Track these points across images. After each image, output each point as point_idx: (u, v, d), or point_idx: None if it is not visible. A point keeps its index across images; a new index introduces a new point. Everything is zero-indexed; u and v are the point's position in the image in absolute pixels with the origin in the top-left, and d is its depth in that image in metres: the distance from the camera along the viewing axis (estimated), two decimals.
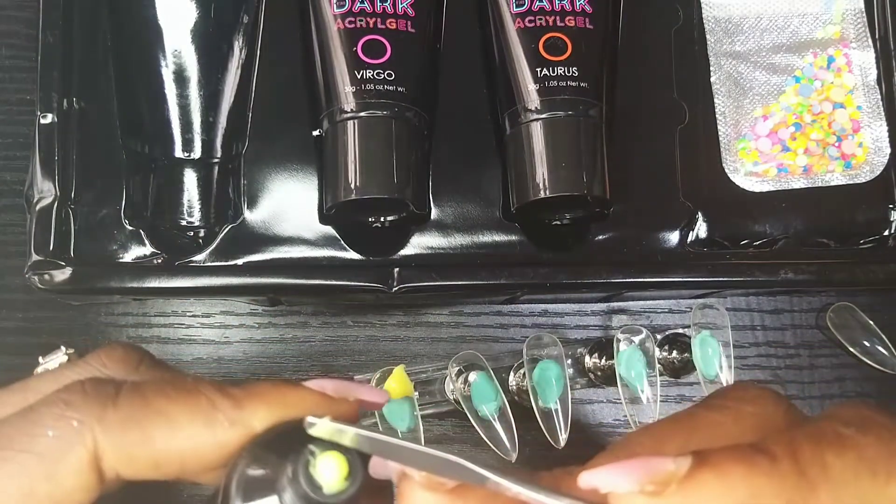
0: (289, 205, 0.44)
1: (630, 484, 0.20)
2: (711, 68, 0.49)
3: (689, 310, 0.52)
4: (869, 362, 0.53)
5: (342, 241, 0.44)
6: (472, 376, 0.48)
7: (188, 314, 0.52)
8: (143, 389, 0.26)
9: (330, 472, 0.24)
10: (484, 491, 0.23)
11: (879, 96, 0.48)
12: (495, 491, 0.22)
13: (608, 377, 0.50)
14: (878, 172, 0.48)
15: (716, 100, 0.48)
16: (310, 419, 0.24)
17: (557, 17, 0.44)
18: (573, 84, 0.43)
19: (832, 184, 0.48)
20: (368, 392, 0.28)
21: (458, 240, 0.45)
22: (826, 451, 0.21)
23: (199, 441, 0.25)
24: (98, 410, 0.25)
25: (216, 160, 0.44)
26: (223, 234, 0.44)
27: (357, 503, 0.24)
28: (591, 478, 0.21)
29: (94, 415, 0.25)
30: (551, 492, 0.21)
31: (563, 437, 0.48)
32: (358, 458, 0.24)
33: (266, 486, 0.24)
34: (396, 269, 0.44)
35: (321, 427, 0.24)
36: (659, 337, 0.51)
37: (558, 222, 0.46)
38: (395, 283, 0.43)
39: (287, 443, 0.25)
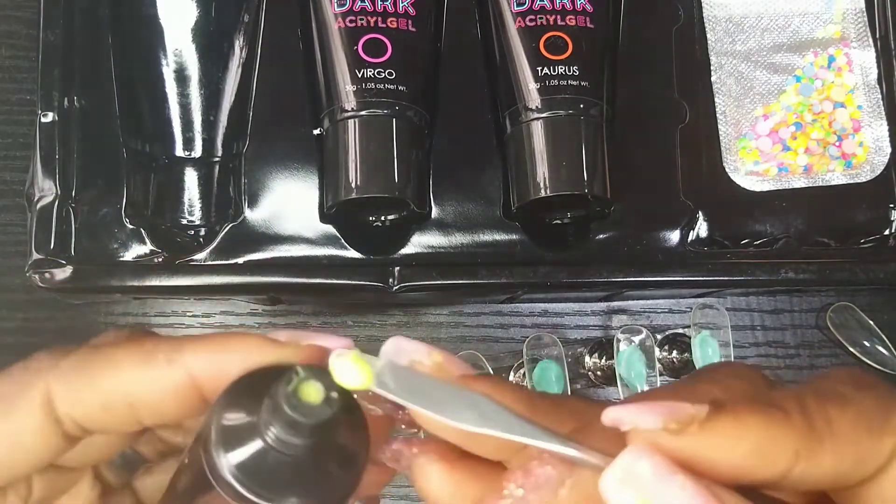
0: (289, 203, 0.44)
1: (655, 422, 0.21)
2: (712, 68, 0.49)
3: (689, 310, 0.52)
4: (869, 362, 0.53)
5: (343, 240, 0.44)
6: None
7: (188, 314, 0.52)
8: (98, 342, 0.28)
9: (346, 377, 0.23)
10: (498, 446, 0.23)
11: (880, 96, 0.48)
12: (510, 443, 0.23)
13: (608, 377, 0.50)
14: (879, 172, 0.48)
15: (716, 99, 0.48)
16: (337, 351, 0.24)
17: (558, 16, 0.44)
18: (574, 83, 0.43)
19: (833, 183, 0.48)
20: (328, 339, 0.27)
21: (459, 239, 0.45)
22: (829, 407, 0.22)
23: (140, 382, 0.26)
24: (55, 360, 0.26)
25: (217, 159, 0.44)
26: (224, 232, 0.44)
27: (338, 423, 0.23)
28: (616, 413, 0.22)
29: (50, 363, 0.26)
30: (572, 443, 0.22)
31: None
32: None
33: (248, 430, 0.24)
34: (397, 268, 0.44)
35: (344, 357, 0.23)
36: (659, 337, 0.51)
37: (559, 221, 0.46)
38: (395, 282, 0.43)
39: (264, 382, 0.24)
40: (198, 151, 0.44)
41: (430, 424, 0.24)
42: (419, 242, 0.45)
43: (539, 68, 0.43)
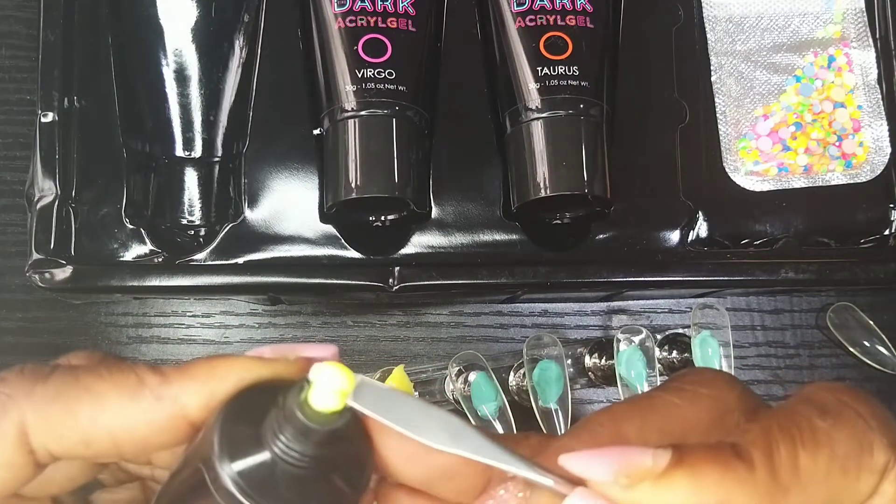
0: (289, 204, 0.44)
1: (606, 474, 0.21)
2: (712, 68, 0.49)
3: (689, 310, 0.52)
4: (869, 362, 0.53)
5: (343, 240, 0.44)
6: (472, 376, 0.48)
7: (188, 314, 0.52)
8: (76, 369, 0.26)
9: (331, 382, 0.22)
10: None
11: (880, 96, 0.48)
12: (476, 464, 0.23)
13: (608, 377, 0.50)
14: (879, 172, 0.48)
15: (716, 99, 0.48)
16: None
17: (558, 17, 0.44)
18: (574, 83, 0.43)
19: (833, 183, 0.48)
20: (313, 348, 0.26)
21: (459, 239, 0.45)
22: (800, 452, 0.22)
23: (127, 418, 0.25)
24: (28, 386, 0.25)
25: (217, 159, 0.44)
26: (224, 232, 0.44)
27: (348, 433, 0.23)
28: (569, 462, 0.22)
29: (23, 390, 0.25)
30: (537, 467, 0.22)
31: None
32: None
33: (254, 442, 0.23)
34: (397, 268, 0.44)
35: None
36: (659, 337, 0.51)
37: (559, 221, 0.46)
38: (395, 282, 0.43)
39: (264, 396, 0.24)
40: (198, 151, 0.44)
41: (397, 465, 0.24)
42: (419, 242, 0.45)
43: (539, 68, 0.43)
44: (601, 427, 0.24)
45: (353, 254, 0.44)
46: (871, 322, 0.53)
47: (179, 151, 0.44)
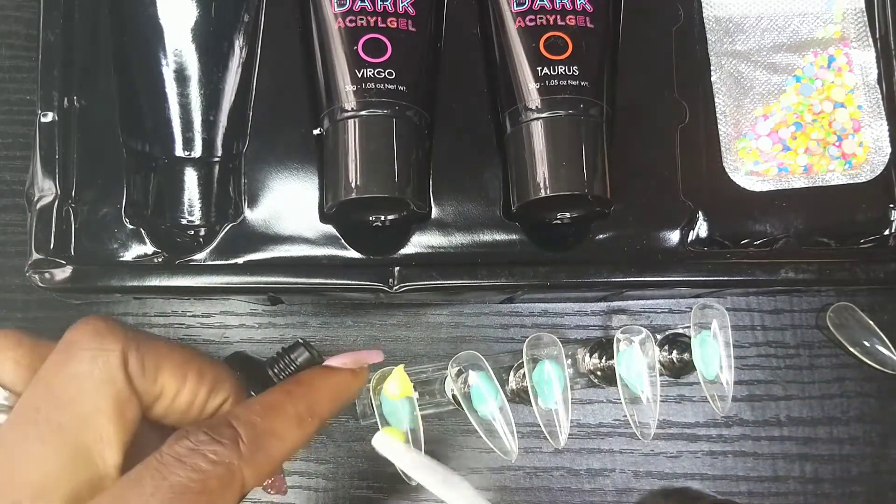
0: (289, 204, 0.44)
1: None
2: (712, 68, 0.49)
3: (689, 310, 0.52)
4: (869, 362, 0.53)
5: (343, 240, 0.44)
6: (472, 376, 0.48)
7: (188, 314, 0.52)
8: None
9: None
10: None
11: (880, 96, 0.48)
12: None
13: (608, 377, 0.50)
14: (879, 172, 0.48)
15: (716, 99, 0.48)
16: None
17: (558, 16, 0.44)
18: (574, 83, 0.43)
19: (832, 183, 0.48)
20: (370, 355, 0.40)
21: (459, 239, 0.45)
22: None
23: None
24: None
25: (217, 159, 0.44)
26: (223, 232, 0.44)
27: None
28: None
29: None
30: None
31: (563, 437, 0.48)
32: None
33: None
34: (397, 269, 0.44)
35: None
36: (659, 337, 0.51)
37: (559, 221, 0.46)
38: (395, 283, 0.43)
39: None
40: (198, 151, 0.44)
41: None
42: (419, 242, 0.45)
43: (539, 68, 0.43)
44: None
45: (353, 254, 0.44)
46: (871, 322, 0.53)
47: (179, 151, 0.44)
